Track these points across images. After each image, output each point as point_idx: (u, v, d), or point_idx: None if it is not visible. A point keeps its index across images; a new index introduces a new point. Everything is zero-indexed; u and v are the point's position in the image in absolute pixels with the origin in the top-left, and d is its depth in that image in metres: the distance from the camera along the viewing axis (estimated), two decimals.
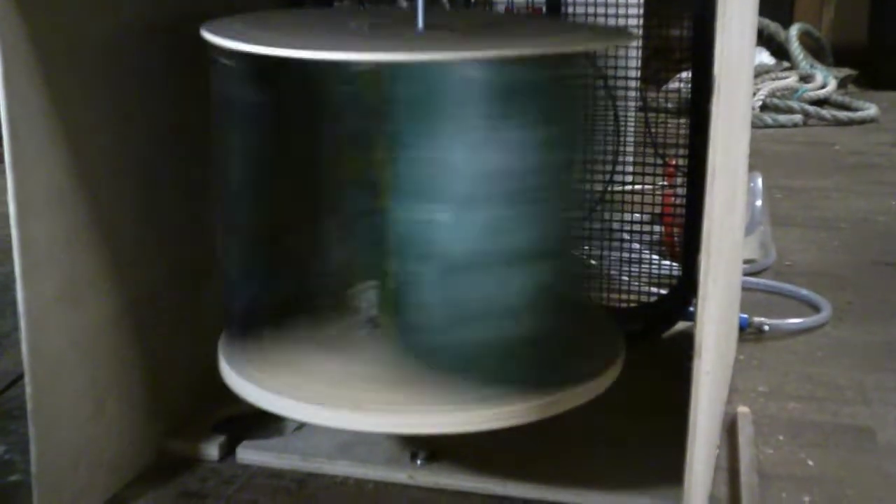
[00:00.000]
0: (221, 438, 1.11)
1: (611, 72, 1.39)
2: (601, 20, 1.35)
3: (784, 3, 4.29)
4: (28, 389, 0.93)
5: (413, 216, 1.02)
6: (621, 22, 1.35)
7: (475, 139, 0.97)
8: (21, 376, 0.93)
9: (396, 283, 1.06)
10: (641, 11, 1.47)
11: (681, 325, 1.37)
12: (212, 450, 1.11)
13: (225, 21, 0.99)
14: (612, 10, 1.36)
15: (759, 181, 1.82)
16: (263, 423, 1.13)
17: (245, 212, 1.07)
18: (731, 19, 0.80)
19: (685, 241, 1.32)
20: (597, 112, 1.34)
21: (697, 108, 1.26)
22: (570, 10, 1.37)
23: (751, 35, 1.23)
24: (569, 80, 1.07)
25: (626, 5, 1.38)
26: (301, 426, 1.13)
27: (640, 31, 1.43)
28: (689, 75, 1.28)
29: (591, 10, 1.36)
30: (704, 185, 0.81)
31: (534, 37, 1.02)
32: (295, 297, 1.11)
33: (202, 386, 1.13)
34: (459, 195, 0.99)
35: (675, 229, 1.54)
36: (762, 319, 1.47)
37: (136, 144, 1.04)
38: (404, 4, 1.58)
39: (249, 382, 1.01)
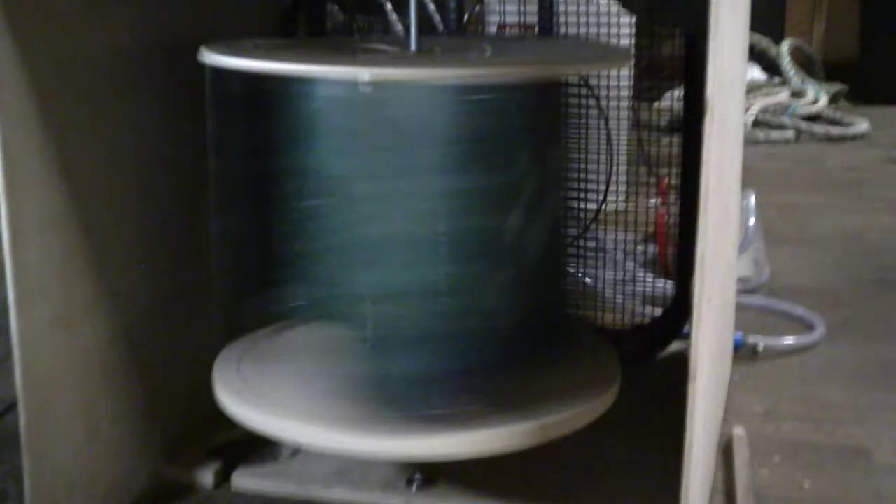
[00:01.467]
0: (217, 465, 1.11)
1: (602, 90, 1.39)
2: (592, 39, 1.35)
3: (775, 18, 4.31)
4: (22, 419, 0.92)
5: (407, 236, 1.02)
6: (612, 40, 1.36)
7: (465, 157, 0.97)
8: (15, 404, 0.93)
9: (393, 305, 1.06)
10: (633, 30, 1.48)
11: (675, 345, 1.37)
12: (207, 476, 1.10)
13: (223, 45, 0.99)
14: (603, 29, 1.36)
15: (752, 199, 1.82)
16: (258, 449, 1.13)
17: (239, 235, 1.07)
18: (723, 40, 0.81)
19: (679, 260, 1.31)
20: (589, 130, 1.34)
21: (690, 126, 1.26)
22: (562, 29, 1.37)
23: (742, 53, 1.23)
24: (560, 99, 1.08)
25: (619, 25, 1.38)
26: (296, 452, 1.13)
27: (632, 49, 1.44)
28: (681, 92, 1.28)
29: (582, 29, 1.36)
30: (697, 205, 0.81)
31: (529, 58, 1.02)
32: (291, 319, 1.11)
33: (197, 411, 1.13)
34: (451, 214, 0.99)
35: (669, 248, 1.54)
36: (757, 339, 1.47)
37: (130, 169, 1.04)
38: (399, 29, 1.58)
39: (244, 406, 1.01)
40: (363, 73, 0.88)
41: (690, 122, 1.26)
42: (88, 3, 0.97)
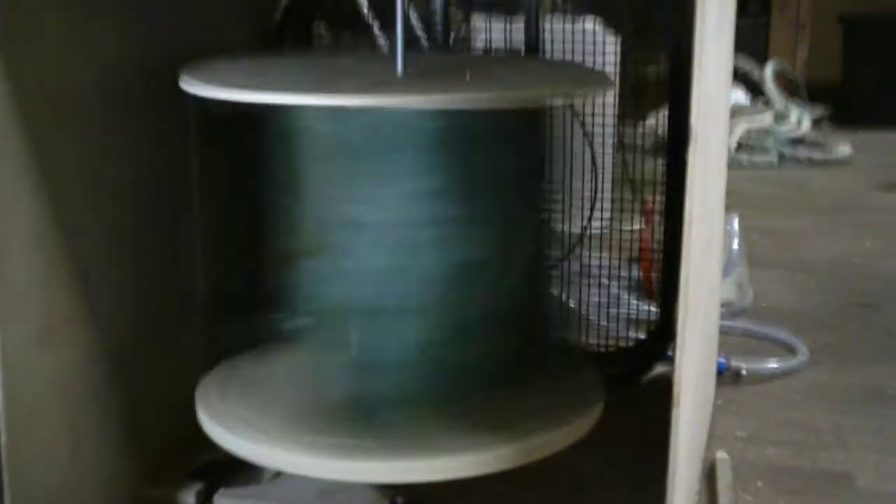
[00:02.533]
0: (199, 486, 1.10)
1: (587, 111, 1.39)
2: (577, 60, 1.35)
3: (759, 41, 4.33)
4: (3, 437, 0.91)
5: (388, 257, 1.02)
6: (598, 61, 1.36)
7: (448, 181, 0.97)
8: None
9: (378, 328, 1.06)
10: (618, 53, 1.48)
11: (660, 367, 1.36)
12: (189, 497, 1.09)
13: (203, 65, 0.99)
14: (589, 51, 1.36)
15: (736, 223, 1.83)
16: (241, 470, 1.12)
17: (224, 256, 1.06)
18: (708, 66, 0.81)
19: (663, 284, 1.32)
20: (573, 152, 1.34)
21: (674, 150, 1.26)
22: (548, 51, 1.38)
23: (727, 76, 1.23)
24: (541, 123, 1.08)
25: (604, 47, 1.39)
26: (279, 474, 1.12)
27: (617, 71, 1.44)
28: (665, 114, 1.28)
29: (568, 49, 1.37)
30: (682, 229, 0.81)
31: (511, 81, 1.03)
32: (275, 341, 1.11)
33: (180, 430, 1.12)
34: (436, 237, 0.99)
35: (653, 274, 1.54)
36: (740, 363, 1.47)
37: (114, 187, 1.04)
38: (383, 43, 1.58)
39: (226, 430, 1.00)
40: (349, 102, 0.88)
41: (674, 146, 1.26)
42: (75, 27, 0.97)
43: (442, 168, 0.97)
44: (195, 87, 0.94)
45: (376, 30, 1.88)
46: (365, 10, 1.96)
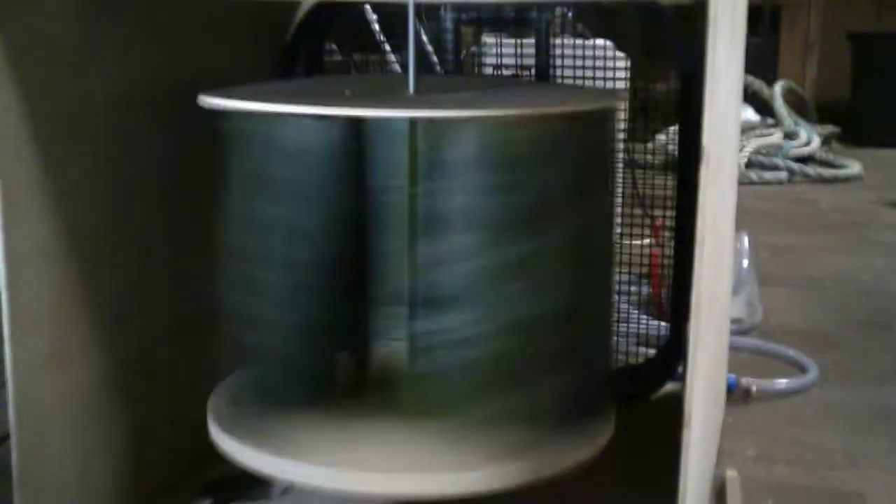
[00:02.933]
0: (209, 501, 1.10)
1: None
2: (589, 80, 1.36)
3: (768, 60, 4.34)
4: (14, 454, 0.92)
5: (408, 281, 1.02)
6: (608, 83, 1.36)
7: (474, 204, 0.97)
8: (6, 437, 0.93)
9: (389, 345, 1.06)
10: (628, 72, 1.49)
11: (669, 385, 1.36)
12: None
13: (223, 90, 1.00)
14: (599, 72, 1.37)
15: (746, 241, 1.83)
16: (251, 487, 1.12)
17: (239, 277, 1.06)
18: (719, 86, 0.81)
19: (673, 302, 1.32)
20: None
21: (684, 168, 1.26)
22: (558, 71, 1.38)
23: (737, 94, 1.23)
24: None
25: (615, 68, 1.39)
26: (288, 489, 1.12)
27: (627, 90, 1.45)
28: (675, 131, 1.28)
29: (578, 71, 1.37)
30: (692, 246, 0.81)
31: (523, 99, 1.03)
32: (286, 358, 1.11)
33: (189, 448, 1.12)
34: (456, 260, 0.99)
35: (663, 290, 1.54)
36: (750, 380, 1.47)
37: (125, 208, 1.04)
38: (397, 69, 1.59)
39: (238, 442, 1.00)
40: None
41: (684, 164, 1.26)
42: (88, 50, 0.98)
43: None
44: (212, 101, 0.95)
45: (388, 50, 1.89)
46: (376, 31, 1.97)
